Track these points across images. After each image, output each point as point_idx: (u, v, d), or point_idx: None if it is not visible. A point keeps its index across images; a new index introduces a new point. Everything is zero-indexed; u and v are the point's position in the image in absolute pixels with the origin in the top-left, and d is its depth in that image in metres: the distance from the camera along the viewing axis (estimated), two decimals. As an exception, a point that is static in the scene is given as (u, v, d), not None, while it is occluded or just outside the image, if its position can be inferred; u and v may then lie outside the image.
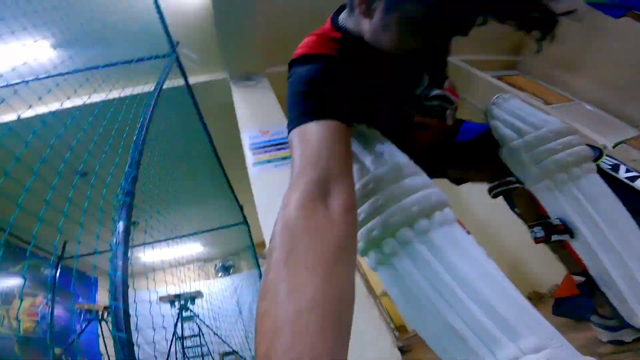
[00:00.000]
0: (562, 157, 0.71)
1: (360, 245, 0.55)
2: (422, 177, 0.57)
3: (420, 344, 2.32)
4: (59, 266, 5.67)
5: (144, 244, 1.44)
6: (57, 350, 5.26)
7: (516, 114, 0.79)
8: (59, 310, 5.72)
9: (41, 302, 5.56)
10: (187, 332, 4.70)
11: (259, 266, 4.93)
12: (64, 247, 5.58)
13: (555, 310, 1.26)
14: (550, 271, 2.25)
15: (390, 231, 0.51)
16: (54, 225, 0.89)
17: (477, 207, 2.81)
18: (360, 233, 0.55)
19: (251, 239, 4.80)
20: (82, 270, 6.55)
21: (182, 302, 4.51)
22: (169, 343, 4.60)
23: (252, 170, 1.86)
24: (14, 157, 0.87)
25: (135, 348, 0.97)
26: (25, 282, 5.24)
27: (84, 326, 5.31)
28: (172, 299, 4.50)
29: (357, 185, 0.57)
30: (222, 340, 4.97)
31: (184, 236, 2.10)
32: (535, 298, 2.36)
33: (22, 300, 4.82)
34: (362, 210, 0.55)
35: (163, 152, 1.69)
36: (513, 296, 0.48)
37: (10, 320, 4.93)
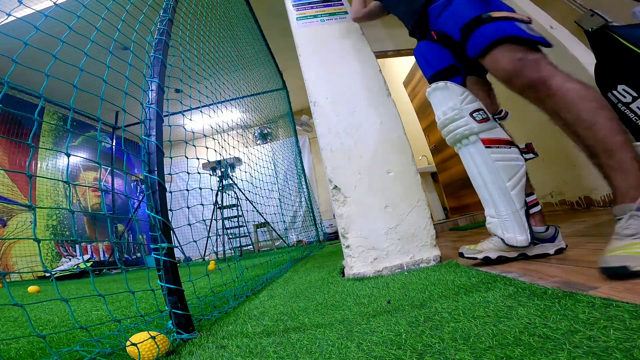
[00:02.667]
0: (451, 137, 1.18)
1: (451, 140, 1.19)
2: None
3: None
4: (114, 136, 6.13)
5: (187, 110, 1.44)
6: (120, 227, 6.20)
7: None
8: (118, 183, 6.46)
9: (104, 175, 6.28)
10: (225, 202, 5.26)
11: (295, 133, 5.10)
12: (116, 118, 5.93)
13: None
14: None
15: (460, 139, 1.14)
16: (106, 98, 0.87)
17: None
18: (451, 135, 1.17)
19: (290, 105, 4.92)
20: (136, 141, 7.11)
21: (223, 168, 4.91)
22: (209, 212, 5.24)
23: (295, 25, 1.79)
24: (61, 40, 0.83)
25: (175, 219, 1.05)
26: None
27: (140, 198, 6.03)
28: (213, 166, 4.91)
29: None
30: (257, 210, 5.54)
31: (224, 102, 2.11)
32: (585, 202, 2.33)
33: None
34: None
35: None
36: (502, 188, 1.05)
37: (79, 197, 5.72)
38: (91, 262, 5.07)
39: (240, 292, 1.32)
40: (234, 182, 5.10)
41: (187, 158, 1.19)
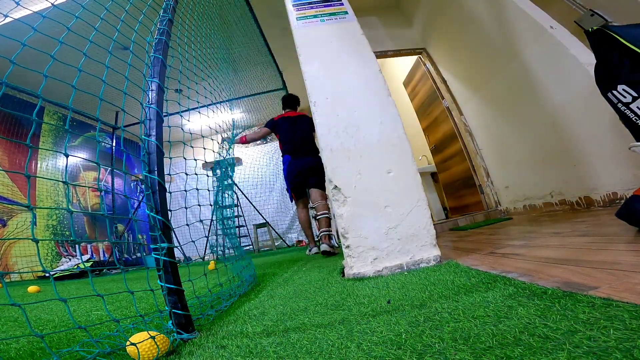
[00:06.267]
0: None
1: None
2: None
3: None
4: (114, 136, 6.12)
5: (186, 110, 1.44)
6: (120, 227, 6.19)
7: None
8: (118, 183, 6.44)
9: (103, 175, 6.26)
10: (225, 202, 5.27)
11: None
12: (116, 118, 5.91)
13: (622, 210, 1.15)
14: (610, 182, 2.15)
15: None
16: (106, 98, 0.87)
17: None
18: None
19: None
20: (136, 141, 7.09)
21: (223, 168, 4.90)
22: (209, 213, 5.24)
23: (295, 25, 1.79)
24: (59, 41, 0.82)
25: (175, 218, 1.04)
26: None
27: (140, 198, 6.00)
28: (213, 166, 4.91)
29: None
30: (257, 210, 5.50)
31: (224, 101, 2.11)
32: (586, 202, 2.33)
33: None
34: None
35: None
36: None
37: (79, 198, 5.71)
38: (91, 262, 5.07)
39: (235, 292, 1.32)
40: (233, 182, 5.09)
41: (185, 159, 1.19)
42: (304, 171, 2.83)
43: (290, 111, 3.22)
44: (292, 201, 3.09)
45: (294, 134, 2.94)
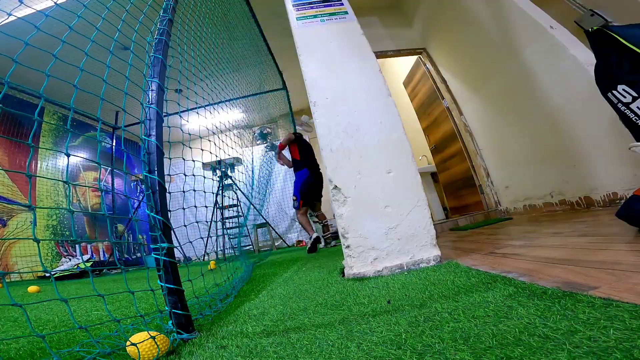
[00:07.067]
0: None
1: None
2: None
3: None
4: (114, 136, 6.11)
5: (185, 110, 1.44)
6: (120, 227, 6.19)
7: None
8: (119, 183, 6.43)
9: (103, 175, 6.24)
10: (225, 202, 5.27)
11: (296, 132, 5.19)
12: (116, 118, 5.89)
13: (622, 210, 1.15)
14: (610, 182, 2.15)
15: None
16: (106, 98, 0.87)
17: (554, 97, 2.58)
18: None
19: (290, 105, 4.93)
20: (136, 141, 7.08)
21: (223, 168, 4.91)
22: (209, 213, 5.24)
23: (295, 25, 1.79)
24: (61, 40, 0.83)
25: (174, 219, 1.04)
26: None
27: (140, 198, 5.99)
28: (213, 165, 4.91)
29: None
30: (256, 209, 5.49)
31: (225, 101, 2.11)
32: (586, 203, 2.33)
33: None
34: None
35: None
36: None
37: (79, 197, 5.69)
38: (91, 262, 5.06)
39: (230, 292, 1.32)
40: (233, 181, 5.09)
41: (184, 160, 1.19)
42: (317, 185, 3.63)
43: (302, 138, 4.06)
44: (297, 209, 3.49)
45: (309, 153, 3.73)
